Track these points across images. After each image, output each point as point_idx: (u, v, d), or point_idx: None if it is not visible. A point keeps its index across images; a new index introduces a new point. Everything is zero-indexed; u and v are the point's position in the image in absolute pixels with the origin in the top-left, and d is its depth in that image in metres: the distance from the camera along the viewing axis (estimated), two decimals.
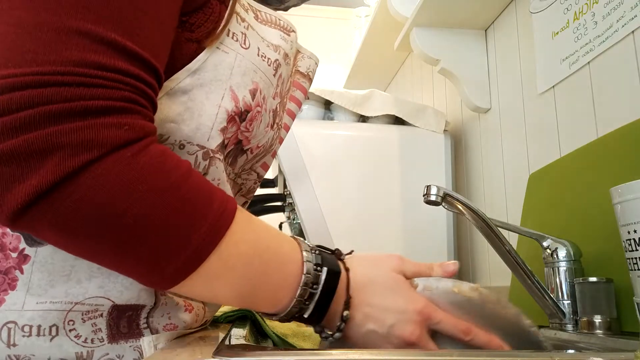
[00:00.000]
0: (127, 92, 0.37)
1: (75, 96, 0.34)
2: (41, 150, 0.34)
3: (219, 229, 0.40)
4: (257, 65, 0.51)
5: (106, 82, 0.36)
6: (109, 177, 0.35)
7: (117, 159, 0.36)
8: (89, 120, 0.35)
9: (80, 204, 0.35)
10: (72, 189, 0.34)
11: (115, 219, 0.36)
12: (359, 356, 0.38)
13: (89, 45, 0.36)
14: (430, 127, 1.44)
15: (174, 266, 0.39)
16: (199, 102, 0.46)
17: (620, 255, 0.66)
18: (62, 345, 0.44)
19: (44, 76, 0.34)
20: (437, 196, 0.71)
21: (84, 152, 0.34)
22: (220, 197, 0.42)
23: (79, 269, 0.44)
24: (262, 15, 0.55)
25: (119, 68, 0.37)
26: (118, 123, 0.36)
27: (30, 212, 0.35)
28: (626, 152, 0.74)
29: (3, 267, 0.44)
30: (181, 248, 0.38)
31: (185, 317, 0.50)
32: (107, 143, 0.35)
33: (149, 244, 0.37)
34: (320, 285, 0.47)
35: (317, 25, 2.70)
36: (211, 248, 0.40)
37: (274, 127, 0.57)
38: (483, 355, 0.42)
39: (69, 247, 0.38)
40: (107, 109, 0.36)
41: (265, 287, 0.45)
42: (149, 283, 0.41)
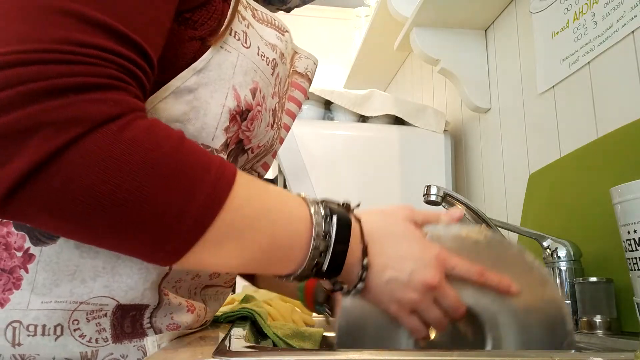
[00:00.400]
0: (110, 69, 0.36)
1: (57, 74, 0.34)
2: (24, 130, 0.33)
3: (219, 194, 0.39)
4: (257, 64, 0.51)
5: (89, 59, 0.35)
6: (97, 153, 0.34)
7: (104, 134, 0.35)
8: (71, 97, 0.34)
9: (69, 182, 0.34)
10: (59, 167, 0.34)
11: (108, 195, 0.35)
12: (359, 356, 0.38)
13: (74, 24, 0.35)
14: (430, 127, 1.44)
15: (177, 237, 0.38)
16: (204, 101, 0.46)
17: (620, 255, 0.66)
18: (66, 344, 0.44)
19: (26, 54, 0.33)
20: (437, 196, 0.71)
21: (68, 129, 0.34)
22: (217, 162, 0.40)
23: (83, 268, 0.44)
24: (258, 14, 0.55)
25: (103, 46, 0.36)
26: (102, 99, 0.35)
27: (19, 196, 0.34)
28: (626, 152, 0.74)
29: (8, 267, 0.44)
30: (181, 218, 0.37)
31: (187, 317, 0.50)
32: (91, 118, 0.34)
33: (147, 218, 0.36)
34: (332, 234, 0.45)
35: (317, 25, 2.70)
36: (213, 214, 0.39)
37: (274, 127, 0.58)
38: (483, 355, 0.42)
39: (66, 230, 0.37)
40: (90, 85, 0.35)
41: (276, 248, 0.44)
42: (154, 259, 0.40)
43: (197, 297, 0.54)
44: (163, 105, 0.44)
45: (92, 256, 0.44)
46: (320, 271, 0.46)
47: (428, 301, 0.50)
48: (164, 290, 0.48)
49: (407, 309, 0.50)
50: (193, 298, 0.53)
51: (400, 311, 0.50)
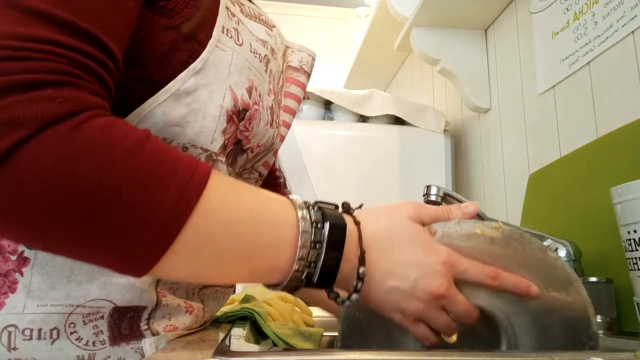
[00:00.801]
0: (61, 64, 0.33)
1: (3, 71, 0.31)
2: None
3: (188, 198, 0.36)
4: (250, 62, 0.50)
5: (36, 55, 0.32)
6: (45, 156, 0.31)
7: (52, 134, 0.32)
8: (15, 96, 0.31)
9: (20, 190, 0.31)
10: (6, 173, 0.31)
11: (63, 201, 0.32)
12: (359, 356, 0.38)
13: (18, 17, 0.33)
14: (430, 127, 1.44)
15: (142, 248, 0.34)
16: (203, 103, 0.45)
17: (620, 255, 0.66)
18: (63, 348, 0.43)
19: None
20: (437, 196, 0.71)
21: (12, 131, 0.31)
22: (187, 162, 0.37)
23: (79, 271, 0.44)
24: (246, 9, 0.54)
25: (52, 39, 0.33)
26: (49, 96, 0.32)
27: None
28: (626, 152, 0.74)
29: (3, 270, 0.43)
30: (146, 225, 0.34)
31: (185, 318, 0.49)
32: (37, 118, 0.31)
33: (109, 225, 0.33)
34: (324, 242, 0.41)
35: (317, 25, 2.70)
36: (181, 220, 0.35)
37: (273, 125, 0.57)
38: (483, 356, 0.42)
39: (24, 239, 0.35)
40: (36, 82, 0.32)
41: (257, 255, 0.40)
42: (122, 270, 0.36)
43: (195, 297, 0.54)
44: (162, 109, 0.43)
45: None
46: (311, 282, 0.42)
47: (435, 310, 0.46)
48: (161, 292, 0.47)
49: (412, 319, 0.46)
50: (191, 299, 0.53)
51: (404, 320, 0.46)
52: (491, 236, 0.47)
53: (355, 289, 0.43)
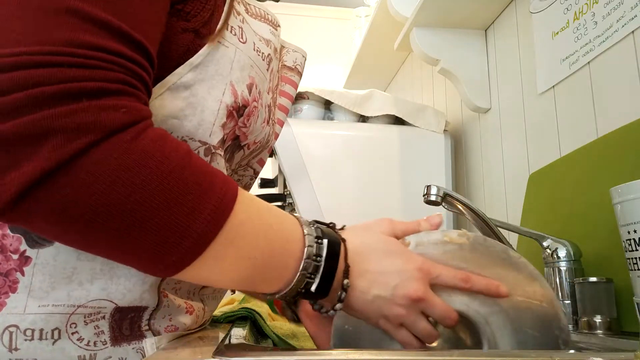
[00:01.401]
0: (121, 74, 0.35)
1: (68, 77, 0.33)
2: (35, 135, 0.32)
3: (223, 210, 0.39)
4: (253, 60, 0.50)
5: (100, 63, 0.34)
6: (109, 163, 0.34)
7: (116, 143, 0.34)
8: (84, 103, 0.33)
9: (80, 191, 0.33)
10: (70, 175, 0.33)
11: (117, 206, 0.34)
12: (359, 356, 0.38)
13: (80, 25, 0.34)
14: (430, 127, 1.44)
15: (179, 251, 0.37)
16: (201, 97, 0.45)
17: (620, 255, 0.66)
18: (64, 348, 0.43)
19: (34, 56, 0.32)
20: (437, 196, 0.71)
21: (81, 136, 0.33)
22: (221, 178, 0.41)
23: (81, 271, 0.44)
24: (251, 9, 0.54)
25: (112, 49, 0.35)
26: (115, 105, 0.34)
27: (25, 203, 0.33)
28: (626, 152, 0.74)
29: (4, 270, 0.43)
30: (185, 232, 0.37)
31: (186, 319, 0.49)
32: (105, 126, 0.33)
33: (152, 231, 0.36)
34: (323, 256, 0.46)
35: (317, 25, 2.70)
36: (216, 230, 0.39)
37: (269, 123, 0.57)
38: (483, 356, 0.42)
39: (67, 238, 0.37)
40: (103, 90, 0.34)
41: (270, 266, 0.44)
42: (151, 271, 0.39)
43: (195, 297, 0.54)
44: (159, 102, 0.44)
45: (89, 258, 0.44)
46: (308, 292, 0.46)
47: (415, 314, 0.49)
48: (164, 292, 0.47)
49: (395, 324, 0.50)
50: (192, 299, 0.53)
51: (388, 325, 0.50)
52: (459, 243, 0.52)
53: (339, 299, 0.48)
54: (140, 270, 0.40)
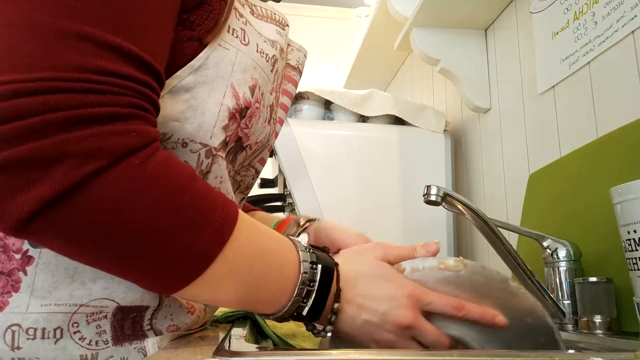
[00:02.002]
0: (132, 97, 0.37)
1: (81, 103, 0.34)
2: (48, 159, 0.33)
3: (223, 233, 0.41)
4: (256, 61, 0.50)
5: (111, 88, 0.35)
6: (119, 186, 0.35)
7: (126, 167, 0.35)
8: (96, 128, 0.34)
9: (89, 213, 0.35)
10: (81, 198, 0.34)
11: (124, 227, 0.36)
12: (359, 356, 0.38)
13: (91, 49, 0.35)
14: (430, 127, 1.44)
15: (180, 271, 0.39)
16: (202, 99, 0.45)
17: (620, 255, 0.66)
18: (66, 347, 0.43)
19: (46, 82, 0.33)
20: (437, 196, 0.71)
21: (92, 160, 0.34)
22: (222, 201, 0.42)
23: (82, 270, 0.44)
24: (257, 10, 0.54)
25: (123, 73, 0.36)
26: (125, 130, 0.36)
27: (36, 222, 0.34)
28: (626, 152, 0.74)
29: (6, 269, 0.43)
30: (187, 253, 0.39)
31: (187, 319, 0.50)
32: (115, 151, 0.35)
33: (156, 251, 0.38)
34: (316, 282, 0.47)
35: (317, 25, 2.70)
36: (217, 252, 0.40)
37: (270, 122, 0.57)
38: (483, 356, 0.42)
39: (74, 255, 0.38)
40: (114, 115, 0.35)
41: (266, 288, 0.45)
42: (154, 289, 0.42)
43: None
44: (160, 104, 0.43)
45: None
46: (301, 315, 0.47)
47: (405, 340, 0.50)
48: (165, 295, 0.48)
49: (386, 348, 0.50)
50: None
51: (380, 348, 0.50)
52: (455, 270, 0.52)
53: (329, 321, 0.49)
54: (143, 287, 0.42)
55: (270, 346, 0.61)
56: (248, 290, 0.44)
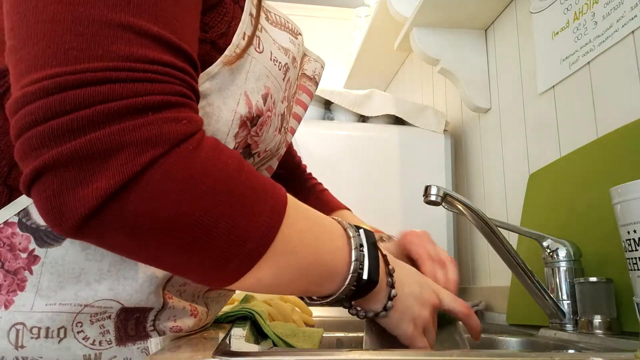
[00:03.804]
0: (178, 86, 0.36)
1: (131, 92, 0.33)
2: (105, 151, 0.32)
3: (280, 210, 0.40)
4: (269, 69, 0.50)
5: (158, 77, 0.35)
6: (178, 172, 0.34)
7: (182, 153, 0.35)
8: (149, 116, 0.34)
9: (152, 203, 0.34)
10: (141, 188, 0.33)
11: (187, 213, 0.35)
12: (359, 356, 0.38)
13: (134, 39, 0.35)
14: (430, 127, 1.44)
15: (241, 256, 0.38)
16: (217, 107, 0.45)
17: (620, 255, 0.66)
18: (70, 347, 0.43)
19: (94, 73, 0.33)
20: (437, 196, 0.71)
21: (149, 148, 0.33)
22: (270, 181, 0.42)
23: (88, 271, 0.44)
24: (271, 16, 0.54)
25: (166, 61, 0.36)
26: (176, 117, 0.35)
27: (100, 218, 0.33)
28: (626, 152, 0.74)
29: (12, 268, 0.43)
30: (249, 233, 0.38)
31: (190, 321, 0.50)
32: (171, 138, 0.34)
33: (220, 234, 0.37)
34: (364, 245, 0.48)
35: (317, 25, 2.70)
36: (275, 231, 0.39)
37: (281, 131, 0.57)
38: (483, 356, 0.42)
39: (136, 251, 0.37)
40: (164, 103, 0.35)
41: (322, 262, 0.45)
42: (215, 279, 0.40)
43: (199, 300, 0.54)
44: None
45: (97, 259, 0.44)
46: (360, 285, 0.47)
47: (433, 321, 0.54)
48: (168, 294, 0.48)
49: (420, 330, 0.53)
50: (196, 302, 0.53)
51: (415, 331, 0.52)
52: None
53: (388, 296, 0.51)
54: (200, 281, 0.41)
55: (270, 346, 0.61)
56: (305, 267, 0.44)
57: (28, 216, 0.43)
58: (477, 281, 1.31)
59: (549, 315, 0.76)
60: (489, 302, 1.19)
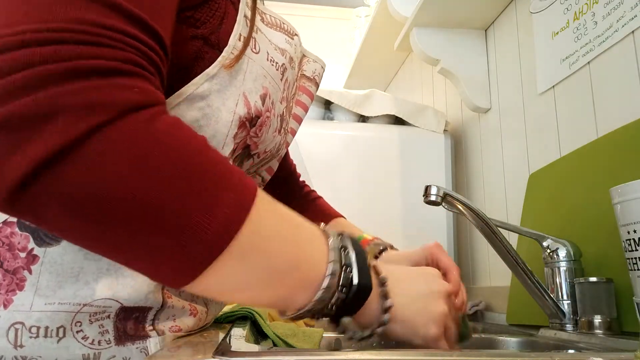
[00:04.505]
0: (131, 54, 0.33)
1: (76, 54, 0.30)
2: (42, 115, 0.29)
3: (246, 201, 0.35)
4: (266, 70, 0.50)
5: (109, 41, 0.32)
6: (123, 143, 0.31)
7: (131, 123, 0.31)
8: (94, 81, 0.31)
9: (91, 174, 0.30)
10: (80, 157, 0.30)
11: (133, 190, 0.31)
12: (359, 356, 0.38)
13: (86, 4, 0.32)
14: (430, 127, 1.44)
15: (201, 245, 0.33)
16: (216, 108, 0.45)
17: (620, 255, 0.66)
18: (69, 346, 0.43)
19: (38, 34, 0.30)
20: (437, 196, 0.71)
21: (92, 114, 0.30)
22: (237, 170, 0.38)
23: (87, 270, 0.44)
24: (267, 18, 0.54)
25: (121, 29, 0.33)
26: (127, 85, 0.32)
27: (32, 188, 0.30)
28: (626, 152, 0.74)
29: (11, 267, 0.43)
30: (207, 223, 0.33)
31: (189, 321, 0.50)
32: (117, 105, 0.31)
33: (170, 220, 0.32)
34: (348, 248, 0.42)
35: (317, 25, 2.70)
36: (240, 221, 0.34)
37: (281, 132, 0.57)
38: (483, 356, 0.42)
39: (74, 230, 0.33)
40: (114, 70, 0.32)
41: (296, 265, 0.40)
42: (166, 276, 0.35)
43: (199, 300, 0.54)
44: (175, 112, 0.43)
45: (96, 258, 0.44)
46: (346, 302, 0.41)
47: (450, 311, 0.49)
48: (167, 293, 0.48)
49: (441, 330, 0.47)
50: (195, 301, 0.53)
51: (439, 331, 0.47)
52: None
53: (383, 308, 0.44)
54: (153, 274, 0.36)
55: (270, 346, 0.61)
56: (277, 272, 0.39)
57: None
58: (477, 281, 1.31)
59: (549, 315, 0.76)
60: (489, 302, 1.19)
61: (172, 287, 0.37)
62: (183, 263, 0.34)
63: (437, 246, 0.69)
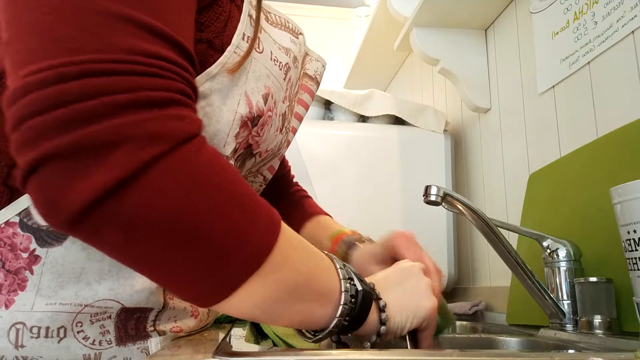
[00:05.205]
0: (180, 83, 0.35)
1: (137, 86, 0.32)
2: (106, 144, 0.31)
3: (277, 221, 0.39)
4: (269, 69, 0.50)
5: (162, 72, 0.34)
6: (181, 172, 0.33)
7: (185, 153, 0.34)
8: (154, 112, 0.33)
9: (152, 200, 0.32)
10: (142, 184, 0.32)
11: (187, 215, 0.33)
12: (359, 356, 0.38)
13: (135, 32, 0.33)
14: (430, 127, 1.44)
15: (239, 261, 0.36)
16: (217, 107, 0.45)
17: (620, 255, 0.66)
18: (69, 347, 0.43)
19: (97, 64, 0.31)
20: (437, 196, 0.71)
21: (152, 145, 0.32)
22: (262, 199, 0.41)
23: (89, 271, 0.44)
24: (271, 17, 0.54)
25: (169, 57, 0.35)
26: (179, 115, 0.34)
27: (95, 212, 0.31)
28: (626, 152, 0.74)
29: (13, 268, 0.43)
30: (247, 238, 0.36)
31: (190, 322, 0.50)
32: (175, 136, 0.33)
33: (215, 241, 0.35)
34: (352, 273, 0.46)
35: (317, 25, 2.70)
36: (275, 238, 0.38)
37: (282, 131, 0.57)
38: (483, 356, 0.42)
39: (129, 252, 0.34)
40: (168, 100, 0.34)
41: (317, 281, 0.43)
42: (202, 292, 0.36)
43: None
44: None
45: (98, 259, 0.44)
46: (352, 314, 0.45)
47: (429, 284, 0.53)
48: (168, 295, 0.47)
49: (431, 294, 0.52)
50: None
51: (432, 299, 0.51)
52: None
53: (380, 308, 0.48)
54: (189, 294, 0.37)
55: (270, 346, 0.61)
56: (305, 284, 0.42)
57: (29, 216, 0.44)
58: (477, 281, 1.31)
59: (549, 315, 0.76)
60: (489, 302, 1.19)
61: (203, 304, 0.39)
62: (223, 276, 0.36)
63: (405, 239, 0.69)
